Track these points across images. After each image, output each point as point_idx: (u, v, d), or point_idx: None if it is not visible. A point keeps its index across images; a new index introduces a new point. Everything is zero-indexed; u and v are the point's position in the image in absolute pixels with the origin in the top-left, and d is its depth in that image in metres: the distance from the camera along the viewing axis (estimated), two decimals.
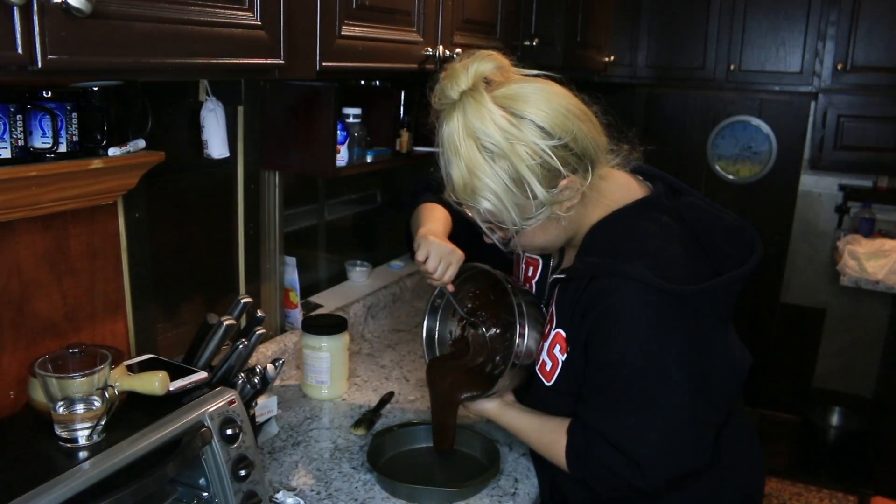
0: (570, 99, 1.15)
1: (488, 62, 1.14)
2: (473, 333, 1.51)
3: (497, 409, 1.39)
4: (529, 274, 1.45)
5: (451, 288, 1.40)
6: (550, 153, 1.10)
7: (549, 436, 1.28)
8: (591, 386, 1.21)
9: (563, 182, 1.14)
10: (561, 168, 1.12)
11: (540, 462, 1.43)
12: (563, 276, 1.25)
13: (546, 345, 1.29)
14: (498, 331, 1.48)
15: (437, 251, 1.32)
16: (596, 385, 1.20)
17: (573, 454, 1.23)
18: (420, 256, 1.32)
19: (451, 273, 1.33)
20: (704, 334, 1.17)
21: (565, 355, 1.24)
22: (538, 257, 1.42)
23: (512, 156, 1.10)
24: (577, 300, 1.20)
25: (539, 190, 1.12)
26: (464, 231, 1.41)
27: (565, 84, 1.17)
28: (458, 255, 1.34)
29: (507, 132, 1.09)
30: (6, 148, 1.06)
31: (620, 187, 1.26)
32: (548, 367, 1.29)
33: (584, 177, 1.16)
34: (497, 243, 1.25)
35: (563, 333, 1.24)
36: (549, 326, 1.29)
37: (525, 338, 1.30)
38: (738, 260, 1.21)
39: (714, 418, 1.22)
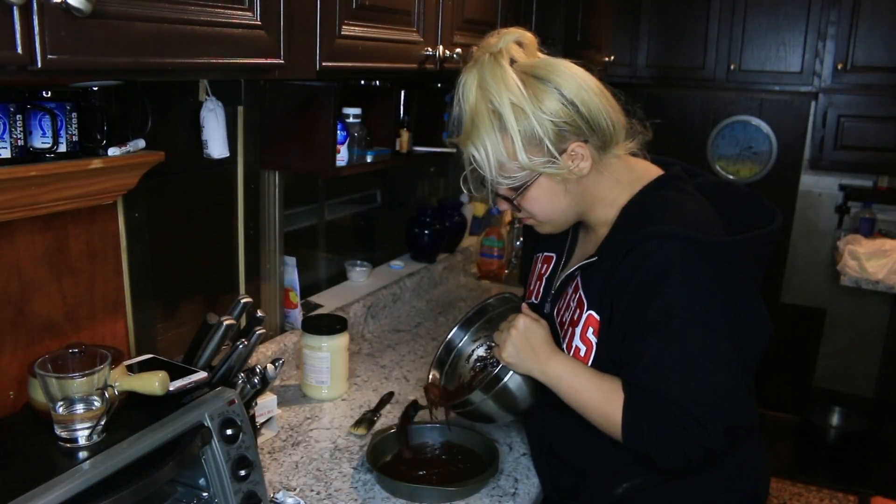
0: (592, 78, 1.23)
1: (518, 36, 1.24)
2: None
3: (545, 354, 1.29)
4: (542, 270, 1.47)
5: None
6: (557, 120, 1.18)
7: (606, 392, 1.22)
8: (639, 349, 1.19)
9: (573, 145, 1.20)
10: (569, 133, 1.20)
11: (542, 459, 1.43)
12: (593, 258, 1.27)
13: (578, 331, 1.28)
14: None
15: None
16: (644, 347, 1.18)
17: (633, 413, 1.19)
18: None
19: None
20: (739, 290, 1.21)
21: (598, 336, 1.25)
22: (553, 254, 1.44)
23: (514, 115, 1.17)
24: (611, 276, 1.22)
25: (522, 155, 1.19)
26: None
27: (591, 71, 1.25)
28: None
29: (517, 93, 1.17)
30: (6, 148, 1.06)
31: (643, 169, 1.31)
32: (582, 353, 1.28)
33: (598, 148, 1.23)
34: (489, 204, 1.33)
35: (596, 315, 1.25)
36: (578, 312, 1.29)
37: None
38: (761, 227, 1.25)
39: (748, 379, 1.23)
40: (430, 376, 1.57)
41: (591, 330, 1.26)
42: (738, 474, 1.32)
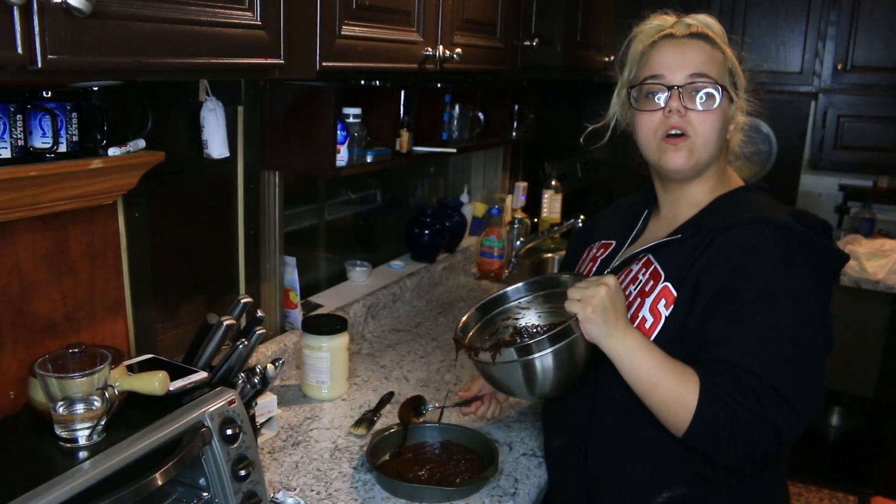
0: None
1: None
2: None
3: (625, 322, 1.23)
4: (598, 254, 1.46)
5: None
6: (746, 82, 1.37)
7: (682, 374, 1.17)
8: (735, 329, 1.17)
9: (738, 105, 1.35)
10: (745, 106, 1.37)
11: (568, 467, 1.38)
12: (675, 236, 1.29)
13: (649, 301, 1.26)
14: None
15: None
16: (743, 327, 1.17)
17: (711, 397, 1.14)
18: None
19: None
20: (825, 296, 1.24)
21: (670, 310, 1.23)
22: (613, 241, 1.45)
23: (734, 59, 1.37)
24: (699, 255, 1.23)
25: (740, 75, 1.36)
26: None
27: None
28: None
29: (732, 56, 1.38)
30: (6, 148, 1.06)
31: (736, 177, 1.44)
32: (647, 324, 1.25)
33: (742, 129, 1.40)
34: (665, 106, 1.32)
35: (673, 290, 1.23)
36: (652, 283, 1.27)
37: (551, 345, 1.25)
38: None
39: None
40: (466, 317, 1.47)
41: (663, 302, 1.24)
42: (772, 491, 1.36)
